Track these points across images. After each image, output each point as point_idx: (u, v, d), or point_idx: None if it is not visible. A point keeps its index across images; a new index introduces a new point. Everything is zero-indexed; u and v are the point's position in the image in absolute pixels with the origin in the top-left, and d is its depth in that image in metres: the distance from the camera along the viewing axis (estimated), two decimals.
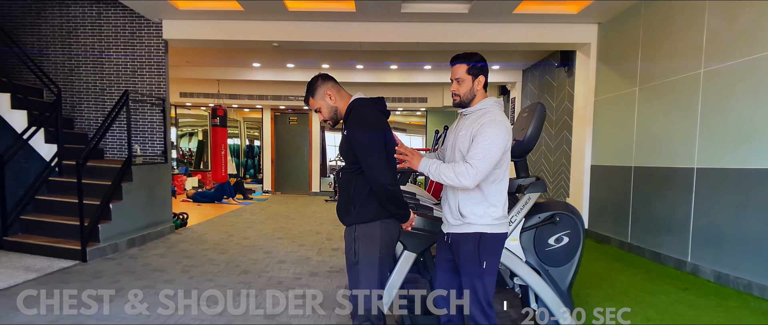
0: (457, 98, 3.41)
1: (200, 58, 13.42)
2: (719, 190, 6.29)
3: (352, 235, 3.41)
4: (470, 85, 3.35)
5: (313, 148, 18.92)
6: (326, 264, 7.28)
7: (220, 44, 9.99)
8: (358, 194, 3.36)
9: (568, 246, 4.32)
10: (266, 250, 8.20)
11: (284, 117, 18.93)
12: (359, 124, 3.28)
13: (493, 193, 3.31)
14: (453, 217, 3.40)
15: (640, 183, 7.92)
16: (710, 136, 6.42)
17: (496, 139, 3.15)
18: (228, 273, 6.72)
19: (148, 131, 9.76)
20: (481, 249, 3.30)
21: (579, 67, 9.95)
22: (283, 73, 14.73)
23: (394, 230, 3.48)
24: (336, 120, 3.52)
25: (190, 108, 19.32)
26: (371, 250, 3.36)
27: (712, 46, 6.45)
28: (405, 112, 19.06)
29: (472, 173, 3.12)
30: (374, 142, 3.26)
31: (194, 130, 21.30)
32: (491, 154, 3.14)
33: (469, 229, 3.33)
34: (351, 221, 3.42)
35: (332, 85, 3.47)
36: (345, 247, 3.50)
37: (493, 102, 3.37)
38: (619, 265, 7.27)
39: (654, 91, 7.58)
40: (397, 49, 10.57)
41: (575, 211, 4.44)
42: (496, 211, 3.31)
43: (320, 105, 3.47)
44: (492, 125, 3.18)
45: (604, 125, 9.15)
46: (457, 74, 3.36)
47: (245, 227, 10.61)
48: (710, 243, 6.45)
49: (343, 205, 3.46)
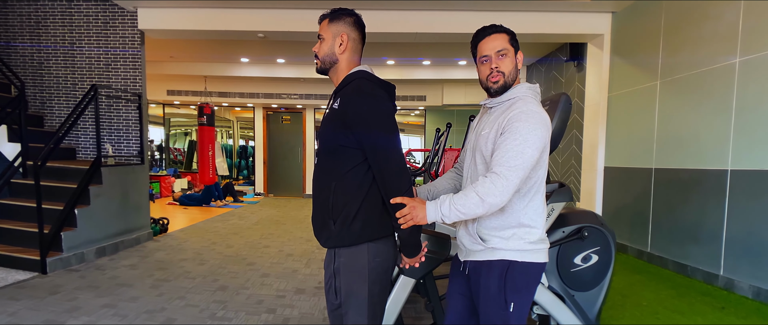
0: (499, 78, 2.66)
1: (185, 53, 13.11)
2: (758, 194, 5.77)
3: (332, 265, 2.73)
4: (514, 61, 2.67)
5: (307, 149, 18.70)
6: (315, 278, 6.75)
7: (200, 35, 9.55)
8: (340, 202, 2.62)
9: (597, 266, 3.89)
10: (250, 261, 7.76)
11: (277, 116, 18.76)
12: (371, 99, 2.56)
13: (527, 207, 2.62)
14: (471, 240, 2.71)
15: (661, 187, 7.42)
16: (747, 135, 5.91)
17: (531, 136, 2.44)
18: (203, 289, 6.20)
19: (124, 130, 9.24)
20: (507, 284, 2.62)
21: (590, 61, 9.49)
22: (274, 69, 14.48)
23: (389, 257, 2.74)
24: (324, 69, 2.79)
25: (179, 107, 19.16)
26: (357, 287, 2.66)
27: (750, 33, 5.92)
28: (403, 111, 18.80)
29: (501, 186, 2.38)
30: (394, 127, 2.56)
31: (188, 130, 21.35)
32: (525, 158, 2.42)
33: (493, 255, 2.65)
34: (331, 242, 2.69)
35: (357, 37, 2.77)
36: (324, 281, 2.83)
37: (526, 88, 2.67)
38: (641, 278, 6.78)
39: (678, 84, 7.07)
40: (394, 41, 10.10)
41: (605, 224, 3.97)
42: (531, 232, 2.62)
43: (328, 38, 2.74)
44: (525, 118, 2.48)
45: (619, 123, 8.68)
46: (499, 45, 2.65)
47: (231, 234, 10.23)
48: (747, 254, 5.91)
49: (319, 217, 2.72)
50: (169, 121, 19.77)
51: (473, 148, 2.76)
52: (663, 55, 7.44)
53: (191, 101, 17.23)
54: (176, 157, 20.61)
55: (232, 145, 22.05)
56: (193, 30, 9.16)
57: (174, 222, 11.22)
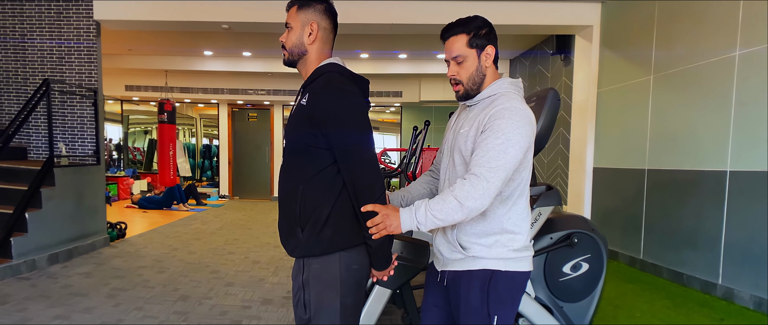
0: (459, 88, 2.63)
1: (144, 46, 13.07)
2: (759, 197, 5.73)
3: (301, 276, 2.63)
4: (476, 63, 2.58)
5: (275, 148, 18.79)
6: (283, 288, 6.72)
7: (161, 26, 9.54)
8: (309, 207, 2.54)
9: (587, 275, 3.87)
10: (213, 268, 7.73)
11: (242, 113, 18.86)
12: (342, 95, 2.48)
13: (510, 211, 2.55)
14: (450, 248, 2.62)
15: (655, 189, 7.42)
16: (747, 133, 5.89)
17: (514, 134, 2.37)
18: (163, 299, 6.16)
19: (78, 128, 9.17)
20: (490, 296, 2.54)
21: (578, 54, 9.52)
22: (240, 63, 14.51)
23: (363, 266, 2.66)
24: (292, 61, 2.73)
25: (138, 103, 19.42)
26: (328, 300, 2.59)
27: (750, 23, 5.88)
28: (377, 108, 18.97)
29: (481, 188, 2.31)
30: (366, 126, 2.50)
31: (147, 127, 21.46)
32: (508, 158, 2.36)
33: (474, 265, 2.56)
34: (299, 252, 2.60)
35: (328, 27, 2.72)
36: (292, 293, 2.75)
37: (508, 83, 2.59)
38: (634, 287, 6.75)
39: (673, 79, 7.06)
40: (368, 33, 10.11)
41: (597, 229, 3.96)
42: (514, 238, 2.55)
43: (296, 27, 2.67)
44: (507, 115, 2.41)
45: (609, 121, 8.70)
46: (454, 50, 2.59)
47: (193, 239, 10.21)
48: (748, 262, 5.88)
49: (286, 224, 2.64)
50: (127, 118, 19.85)
51: (451, 147, 2.69)
52: (657, 47, 7.42)
53: (151, 97, 17.23)
54: (135, 157, 20.69)
55: (194, 145, 22.14)
56: (152, 21, 9.08)
57: (132, 227, 11.16)
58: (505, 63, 13.65)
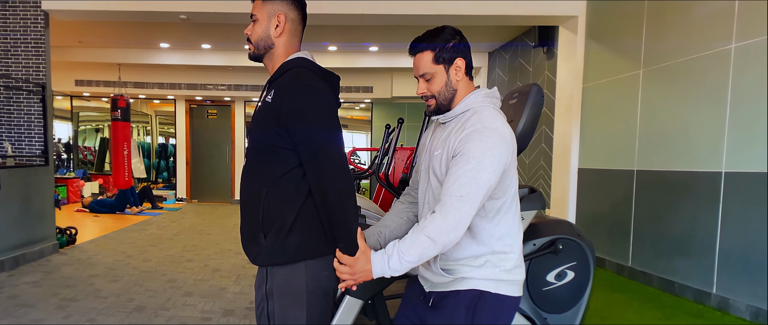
0: (431, 102, 2.65)
1: (96, 38, 13.05)
2: (756, 200, 5.74)
3: (264, 286, 2.61)
4: (445, 78, 2.60)
5: (236, 148, 18.78)
6: (245, 298, 6.73)
7: (114, 17, 9.50)
8: (273, 212, 2.52)
9: (573, 284, 3.87)
10: (170, 277, 7.74)
11: (201, 110, 18.82)
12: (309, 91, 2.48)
13: (496, 229, 2.55)
14: (435, 274, 2.58)
15: (644, 191, 7.44)
16: (744, 131, 5.90)
17: (485, 158, 2.37)
18: (117, 310, 6.17)
19: (25, 125, 9.14)
20: (476, 318, 2.53)
21: (562, 46, 9.52)
22: (198, 56, 14.42)
23: (331, 276, 2.61)
24: (258, 55, 2.71)
25: (89, 99, 19.32)
26: (293, 312, 2.57)
27: (747, 14, 5.89)
28: (346, 105, 19.10)
29: (452, 220, 2.32)
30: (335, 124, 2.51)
31: (99, 125, 21.44)
32: (480, 184, 2.36)
33: (463, 285, 2.55)
34: (262, 259, 2.58)
35: (296, 18, 2.71)
36: (255, 304, 2.74)
37: (482, 97, 2.60)
38: (622, 297, 6.79)
39: (665, 73, 7.07)
40: (336, 24, 10.13)
41: (583, 235, 3.98)
42: (506, 258, 2.55)
43: (262, 19, 2.66)
44: (478, 137, 2.41)
45: (595, 118, 8.72)
46: (421, 68, 2.61)
47: (148, 245, 10.25)
48: (744, 270, 5.89)
49: (248, 229, 2.63)
50: (77, 115, 19.79)
51: (427, 168, 2.71)
52: (646, 39, 7.43)
53: (103, 93, 17.13)
54: (85, 157, 20.68)
55: (149, 144, 22.09)
56: (105, 11, 9.01)
57: (83, 232, 11.07)
58: (484, 56, 13.73)
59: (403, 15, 8.91)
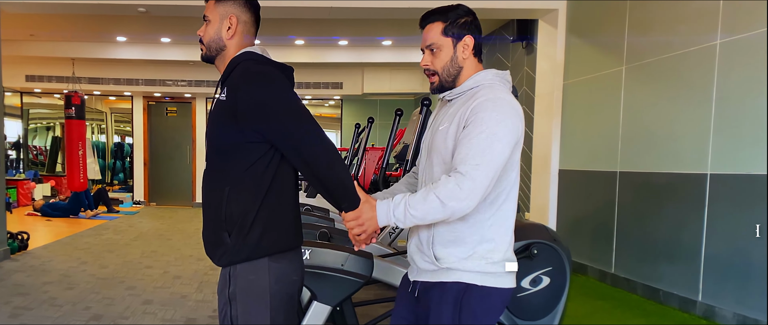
0: (433, 79, 2.70)
1: (48, 31, 12.98)
2: (743, 204, 5.83)
3: (227, 290, 2.65)
4: (451, 53, 2.63)
5: (198, 147, 18.71)
6: (208, 306, 6.75)
7: (67, 9, 9.63)
8: (236, 210, 2.58)
9: (549, 290, 3.96)
10: (129, 284, 7.75)
11: (160, 107, 18.80)
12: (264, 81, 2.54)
13: (494, 217, 2.58)
14: (423, 257, 2.67)
15: (628, 194, 7.52)
16: (730, 131, 5.98)
17: (500, 128, 2.39)
18: (72, 318, 6.19)
19: None
20: (463, 312, 2.57)
21: (542, 41, 9.57)
22: (157, 51, 14.48)
23: (296, 279, 2.76)
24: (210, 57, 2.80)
25: (40, 96, 19.27)
26: (257, 316, 2.62)
27: (733, 7, 5.96)
28: (315, 102, 19.18)
29: (467, 188, 2.32)
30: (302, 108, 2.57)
31: (50, 123, 21.32)
32: (495, 154, 2.37)
33: (449, 276, 2.59)
34: (227, 259, 2.64)
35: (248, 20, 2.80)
36: (218, 310, 2.76)
37: (493, 75, 2.64)
38: (604, 305, 6.91)
39: (648, 70, 7.15)
40: (303, 17, 10.26)
41: (559, 239, 4.09)
42: (494, 249, 2.57)
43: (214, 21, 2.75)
44: (492, 106, 2.43)
45: (576, 117, 8.79)
46: (429, 39, 2.66)
47: (105, 251, 10.24)
48: (731, 277, 5.98)
49: (212, 230, 2.70)
50: (27, 112, 19.54)
51: (429, 147, 2.77)
52: (629, 35, 7.48)
53: (55, 89, 17.16)
54: (36, 157, 20.46)
55: (104, 143, 21.90)
56: (58, 3, 9.08)
57: (35, 237, 10.95)
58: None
59: (374, 8, 8.96)
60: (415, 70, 15.42)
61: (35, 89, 17.59)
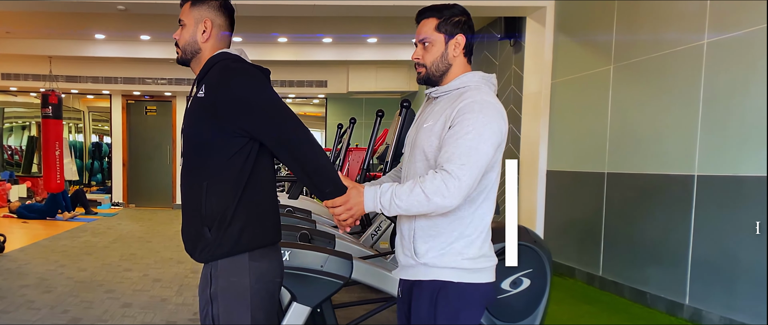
0: (421, 70, 2.85)
1: (25, 28, 12.99)
2: (731, 206, 5.87)
3: (208, 290, 2.77)
4: (442, 50, 2.78)
5: (178, 147, 17.99)
6: (188, 309, 6.78)
7: (46, 7, 9.80)
8: (216, 204, 2.70)
9: (529, 292, 4.10)
10: (108, 287, 7.79)
11: (139, 106, 18.72)
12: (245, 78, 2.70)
13: (474, 214, 2.71)
14: (405, 252, 2.82)
15: (616, 195, 7.55)
16: (717, 132, 6.01)
17: (485, 129, 2.54)
18: (51, 321, 6.28)
19: None
20: (439, 307, 2.70)
21: (530, 39, 9.59)
22: (137, 49, 14.45)
23: (274, 277, 2.87)
24: (185, 60, 2.96)
25: (16, 94, 19.29)
26: (238, 315, 2.74)
27: (719, 8, 6.01)
28: (299, 100, 19.21)
29: (453, 187, 2.46)
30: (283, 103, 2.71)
31: (25, 122, 21.49)
32: (480, 155, 2.51)
33: (427, 274, 2.74)
34: (207, 253, 2.74)
35: (223, 24, 2.93)
36: (199, 310, 2.88)
37: (479, 77, 2.79)
38: (591, 309, 6.95)
39: (636, 70, 7.19)
40: (286, 15, 10.23)
41: (539, 240, 4.29)
42: (470, 245, 2.70)
43: (189, 24, 2.91)
44: (478, 108, 2.58)
45: (565, 117, 8.83)
46: (422, 33, 2.82)
47: (83, 254, 10.29)
48: (718, 280, 6.02)
49: (192, 226, 2.80)
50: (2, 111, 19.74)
51: (413, 143, 2.89)
52: (617, 33, 7.51)
53: (32, 87, 17.21)
54: (11, 157, 20.65)
55: (82, 143, 21.81)
56: (35, 1, 9.16)
57: (11, 239, 10.94)
58: None
59: (358, 6, 8.99)
60: (401, 69, 15.47)
61: (11, 88, 17.54)
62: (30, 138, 20.35)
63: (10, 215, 14.78)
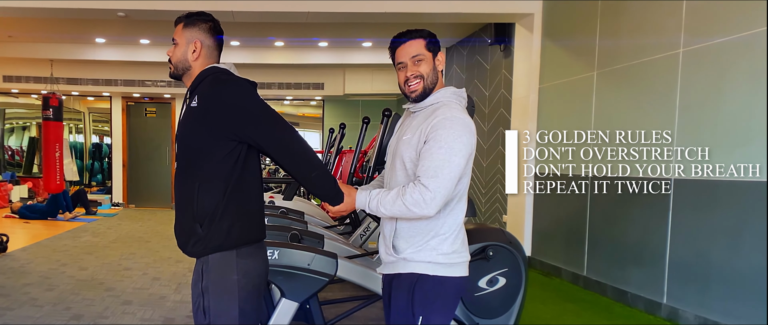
0: (418, 84, 3.05)
1: (27, 32, 12.85)
2: (705, 209, 6.00)
3: (200, 283, 2.98)
4: (432, 64, 3.07)
5: None
6: (186, 307, 6.83)
7: (47, 13, 9.65)
8: (207, 203, 2.90)
9: (505, 290, 4.18)
10: (108, 286, 7.85)
11: (139, 108, 18.57)
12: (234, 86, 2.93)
13: (448, 216, 2.99)
14: (386, 249, 3.09)
15: (599, 198, 7.60)
16: (693, 137, 6.10)
17: (456, 143, 2.83)
18: (53, 318, 6.35)
19: None
20: (415, 297, 2.96)
21: (519, 44, 9.62)
22: (136, 52, 14.42)
23: (260, 272, 3.10)
24: (176, 75, 3.19)
25: (18, 96, 19.09)
26: (227, 305, 2.96)
27: (694, 18, 6.12)
28: (296, 102, 19.10)
29: (429, 199, 2.78)
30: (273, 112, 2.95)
31: (26, 123, 21.15)
32: (452, 167, 2.81)
33: (405, 268, 3.00)
34: (200, 247, 2.95)
35: (212, 45, 3.15)
36: (192, 302, 3.09)
37: (451, 93, 3.07)
38: (574, 307, 7.02)
39: (617, 76, 7.29)
40: (283, 21, 10.20)
41: (514, 241, 4.34)
42: (444, 242, 2.97)
43: (181, 44, 3.13)
44: (449, 124, 2.86)
45: (551, 121, 8.85)
46: (414, 51, 3.05)
47: (84, 253, 10.28)
48: (693, 280, 6.13)
49: (185, 223, 3.01)
50: (3, 112, 19.67)
51: (393, 153, 3.14)
52: (600, 40, 7.58)
53: (33, 89, 17.12)
54: (12, 158, 20.36)
55: (82, 143, 21.53)
56: (36, 7, 9.01)
57: (14, 239, 10.92)
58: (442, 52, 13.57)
59: (352, 12, 9.00)
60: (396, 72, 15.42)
61: (12, 90, 17.47)
62: (30, 139, 20.22)
63: (12, 216, 14.74)
